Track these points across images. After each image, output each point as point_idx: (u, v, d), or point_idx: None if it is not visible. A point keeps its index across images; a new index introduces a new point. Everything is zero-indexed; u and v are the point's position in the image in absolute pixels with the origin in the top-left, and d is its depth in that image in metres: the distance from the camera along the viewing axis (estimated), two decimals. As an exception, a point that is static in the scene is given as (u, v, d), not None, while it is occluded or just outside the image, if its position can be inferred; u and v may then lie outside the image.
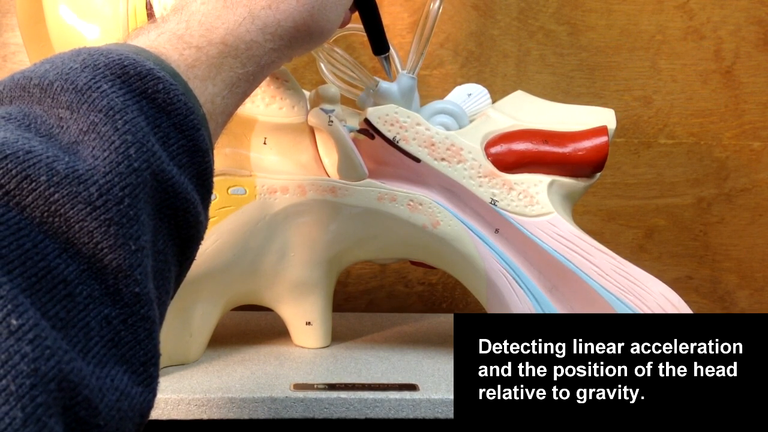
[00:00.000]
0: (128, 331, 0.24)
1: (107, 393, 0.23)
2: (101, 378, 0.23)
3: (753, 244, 0.79)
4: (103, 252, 0.24)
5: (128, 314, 0.24)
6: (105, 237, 0.24)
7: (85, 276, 0.23)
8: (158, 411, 0.45)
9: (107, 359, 0.23)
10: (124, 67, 0.27)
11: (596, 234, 0.52)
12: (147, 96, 0.27)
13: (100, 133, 0.25)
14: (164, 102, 0.28)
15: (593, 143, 0.52)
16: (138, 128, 0.26)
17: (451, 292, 0.77)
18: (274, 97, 0.52)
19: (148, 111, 0.27)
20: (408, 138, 0.51)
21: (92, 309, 0.23)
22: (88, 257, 0.23)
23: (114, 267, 0.24)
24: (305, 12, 0.35)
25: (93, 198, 0.24)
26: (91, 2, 0.48)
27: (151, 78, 0.28)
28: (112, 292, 0.24)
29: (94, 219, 0.24)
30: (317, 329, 0.56)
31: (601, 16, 0.75)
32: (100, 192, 0.24)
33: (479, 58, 0.74)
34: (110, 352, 0.24)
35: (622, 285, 0.49)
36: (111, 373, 0.23)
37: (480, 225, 0.52)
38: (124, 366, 0.24)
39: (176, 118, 0.28)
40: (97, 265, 0.24)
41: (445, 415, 0.46)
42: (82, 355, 0.22)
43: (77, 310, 0.23)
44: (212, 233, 0.50)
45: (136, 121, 0.26)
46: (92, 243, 0.23)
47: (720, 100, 0.77)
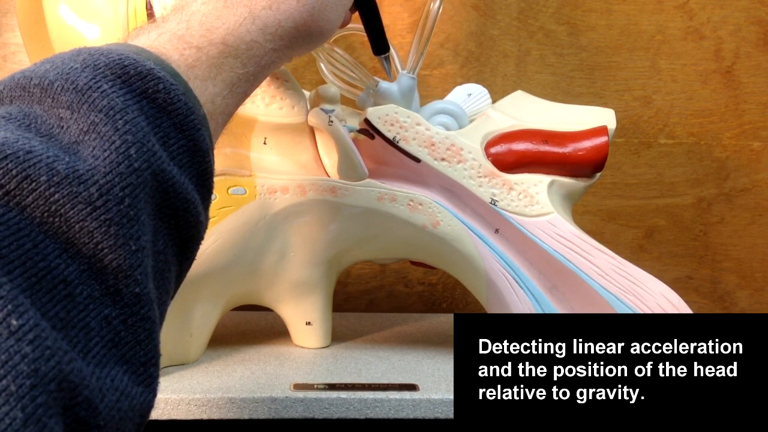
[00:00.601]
0: (128, 332, 0.24)
1: (107, 393, 0.23)
2: (101, 378, 0.23)
3: (753, 244, 0.79)
4: (103, 252, 0.24)
5: (128, 314, 0.24)
6: (105, 237, 0.24)
7: (85, 276, 0.23)
8: (158, 411, 0.45)
9: (107, 359, 0.23)
10: (124, 67, 0.27)
11: (596, 234, 0.52)
12: (147, 96, 0.27)
13: (100, 133, 0.25)
14: (164, 102, 0.28)
15: (593, 143, 0.52)
16: (138, 128, 0.26)
17: (451, 292, 0.77)
18: (274, 97, 0.52)
19: (149, 111, 0.27)
20: (408, 138, 0.51)
21: (92, 309, 0.23)
22: (89, 257, 0.23)
23: (114, 267, 0.24)
24: (305, 12, 0.35)
25: (93, 198, 0.24)
26: (91, 2, 0.48)
27: (151, 78, 0.28)
28: (113, 292, 0.24)
29: (94, 219, 0.24)
30: (317, 329, 0.56)
31: (601, 16, 0.75)
32: (101, 192, 0.24)
33: (479, 58, 0.74)
34: (110, 352, 0.24)
35: (622, 285, 0.49)
36: (111, 374, 0.23)
37: (480, 225, 0.52)
38: (125, 366, 0.24)
39: (176, 118, 0.28)
40: (98, 265, 0.24)
41: (445, 415, 0.46)
42: (82, 356, 0.22)
43: (77, 310, 0.23)
44: (212, 233, 0.50)
45: (136, 121, 0.26)
46: (92, 243, 0.23)
47: (720, 100, 0.77)
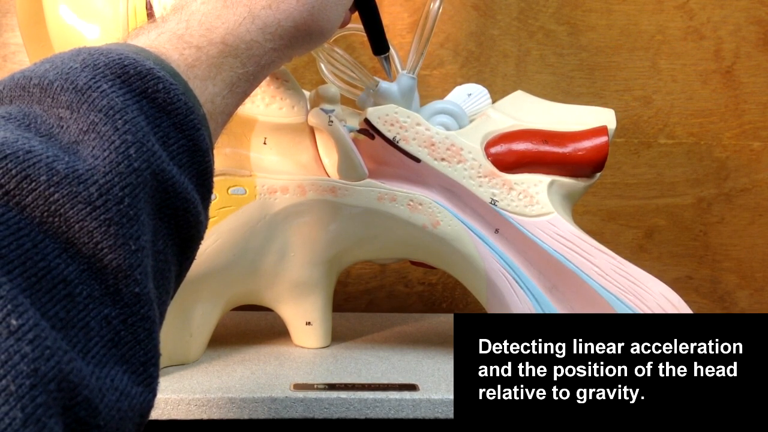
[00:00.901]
0: (128, 331, 0.24)
1: (107, 393, 0.23)
2: (101, 378, 0.23)
3: (753, 244, 0.79)
4: (103, 252, 0.24)
5: (128, 314, 0.24)
6: (105, 237, 0.24)
7: (85, 276, 0.23)
8: (158, 411, 0.45)
9: (107, 359, 0.23)
10: (124, 67, 0.27)
11: (596, 234, 0.52)
12: (147, 96, 0.27)
13: (100, 133, 0.25)
14: (164, 102, 0.28)
15: (593, 143, 0.52)
16: (138, 128, 0.26)
17: (451, 292, 0.77)
18: (274, 97, 0.52)
19: (148, 111, 0.27)
20: (408, 138, 0.51)
21: (92, 309, 0.23)
22: (88, 257, 0.23)
23: (114, 267, 0.24)
24: (305, 12, 0.35)
25: (93, 198, 0.24)
26: (91, 2, 0.48)
27: (151, 78, 0.28)
28: (112, 292, 0.24)
29: (94, 219, 0.23)
30: (317, 329, 0.56)
31: (601, 16, 0.75)
32: (100, 192, 0.24)
33: (479, 58, 0.74)
34: (110, 352, 0.24)
35: (622, 285, 0.49)
36: (111, 374, 0.23)
37: (480, 225, 0.52)
38: (124, 366, 0.24)
39: (176, 117, 0.28)
40: (97, 265, 0.24)
41: (445, 415, 0.46)
42: (82, 356, 0.22)
43: (77, 310, 0.23)
44: (212, 233, 0.50)
45: (136, 120, 0.26)
46: (92, 243, 0.23)
47: (720, 100, 0.77)
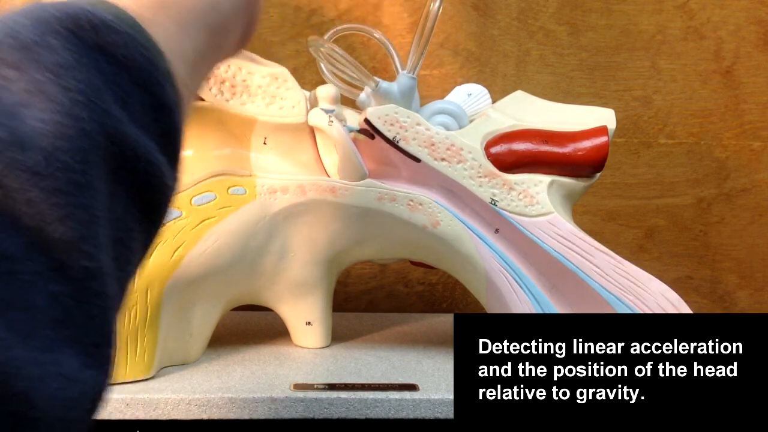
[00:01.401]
0: (79, 309, 0.22)
1: (49, 381, 0.21)
2: (43, 365, 0.21)
3: (753, 244, 0.79)
4: (48, 223, 0.21)
5: (79, 290, 0.22)
6: (51, 207, 0.21)
7: (29, 250, 0.21)
8: (158, 411, 0.45)
9: (54, 342, 0.21)
10: (77, 20, 0.25)
11: (596, 234, 0.52)
12: (103, 50, 0.25)
13: (46, 93, 0.23)
14: (123, 57, 0.25)
15: (593, 143, 0.52)
16: (91, 86, 0.24)
17: (451, 292, 0.77)
18: (274, 97, 0.52)
19: (104, 67, 0.25)
20: (408, 138, 0.51)
21: (38, 286, 0.21)
22: (33, 230, 0.21)
23: (62, 240, 0.22)
24: None
25: (37, 165, 0.21)
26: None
27: (108, 31, 0.25)
28: (60, 267, 0.22)
29: (38, 188, 0.21)
30: (317, 329, 0.56)
31: (601, 16, 0.75)
32: (46, 158, 0.21)
33: (479, 58, 0.74)
34: (58, 333, 0.21)
35: (622, 285, 0.49)
36: (58, 359, 0.21)
37: (480, 225, 0.52)
38: (75, 347, 0.22)
39: (137, 73, 0.26)
40: (43, 237, 0.21)
41: (445, 415, 0.46)
42: (22, 341, 0.20)
43: (21, 288, 0.20)
44: (212, 234, 0.50)
45: (89, 78, 0.24)
46: (37, 214, 0.21)
47: (720, 100, 0.77)
